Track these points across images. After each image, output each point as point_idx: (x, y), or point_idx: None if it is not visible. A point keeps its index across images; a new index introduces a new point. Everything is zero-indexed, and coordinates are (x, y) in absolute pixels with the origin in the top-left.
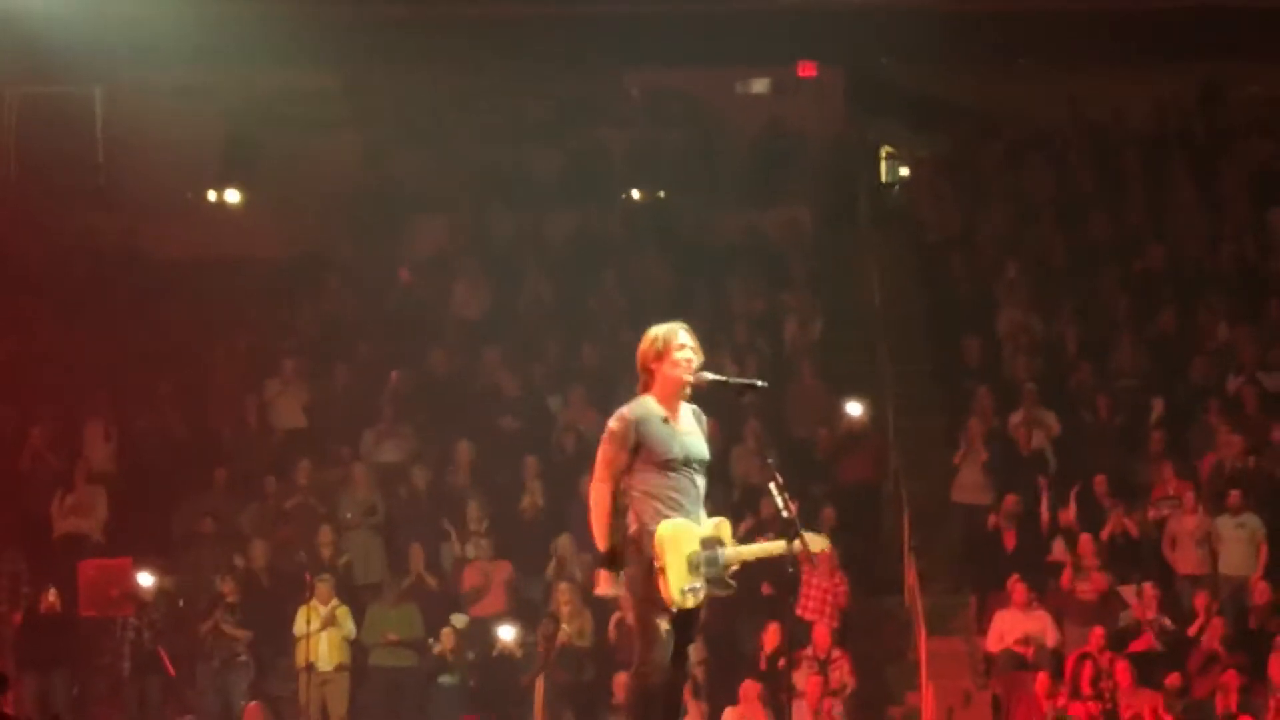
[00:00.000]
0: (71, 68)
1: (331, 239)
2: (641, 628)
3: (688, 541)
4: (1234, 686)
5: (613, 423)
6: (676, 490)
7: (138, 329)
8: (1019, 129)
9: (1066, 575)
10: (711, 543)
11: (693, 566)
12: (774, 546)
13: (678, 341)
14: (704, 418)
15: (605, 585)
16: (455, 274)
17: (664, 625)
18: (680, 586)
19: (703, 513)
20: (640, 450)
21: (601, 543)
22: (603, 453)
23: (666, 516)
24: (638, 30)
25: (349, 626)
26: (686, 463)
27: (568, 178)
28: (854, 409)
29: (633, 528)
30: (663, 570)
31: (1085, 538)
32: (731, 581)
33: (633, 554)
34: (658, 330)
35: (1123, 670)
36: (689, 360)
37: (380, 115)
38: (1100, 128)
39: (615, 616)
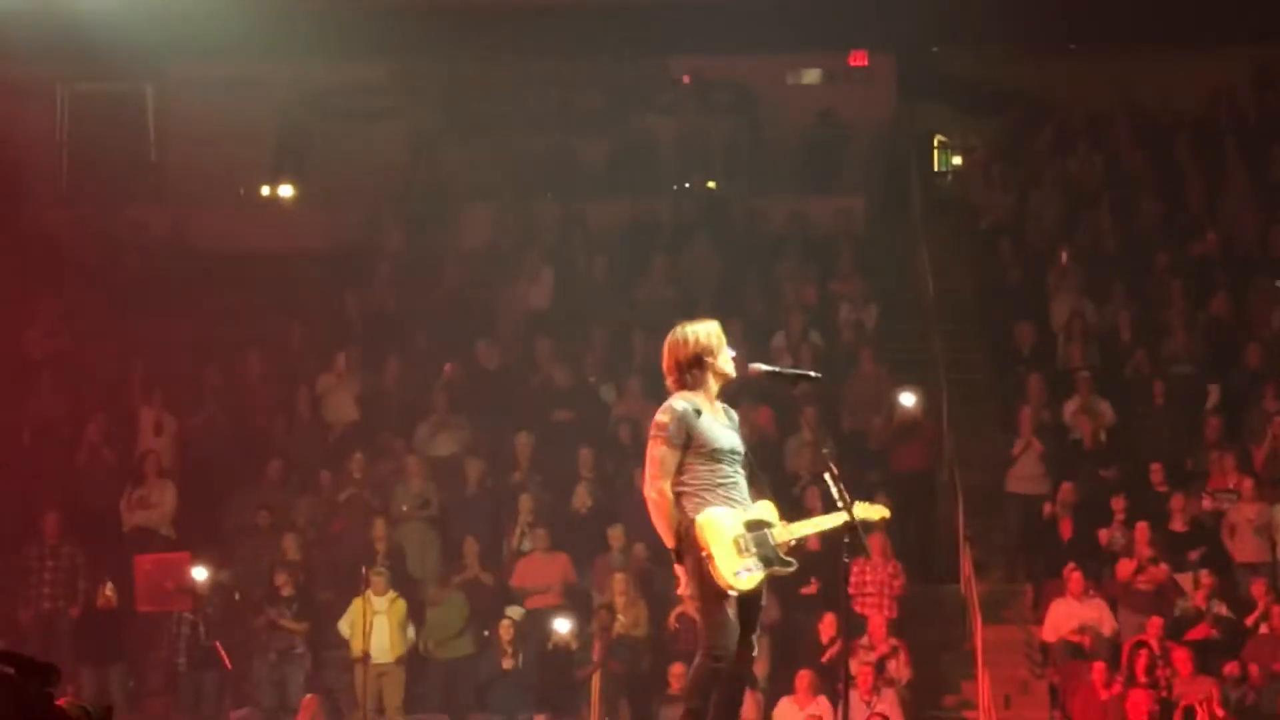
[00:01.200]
0: (123, 63)
1: (382, 230)
2: (707, 617)
3: (730, 527)
4: None
5: (663, 417)
6: (724, 481)
7: (189, 322)
8: (1070, 115)
9: (1125, 566)
10: (757, 525)
11: (740, 549)
12: (827, 520)
13: (723, 337)
14: (734, 414)
15: (685, 581)
16: (506, 265)
17: (729, 611)
18: (732, 570)
19: (749, 502)
20: (690, 443)
21: (670, 540)
22: (656, 451)
23: (702, 505)
24: (687, 18)
25: (404, 617)
26: (732, 453)
27: (617, 167)
28: (907, 399)
29: (682, 522)
30: (710, 558)
31: (1141, 527)
32: (789, 559)
33: (687, 547)
34: (707, 326)
35: (1181, 659)
36: (734, 357)
37: (429, 106)
38: (1152, 112)
39: (677, 609)
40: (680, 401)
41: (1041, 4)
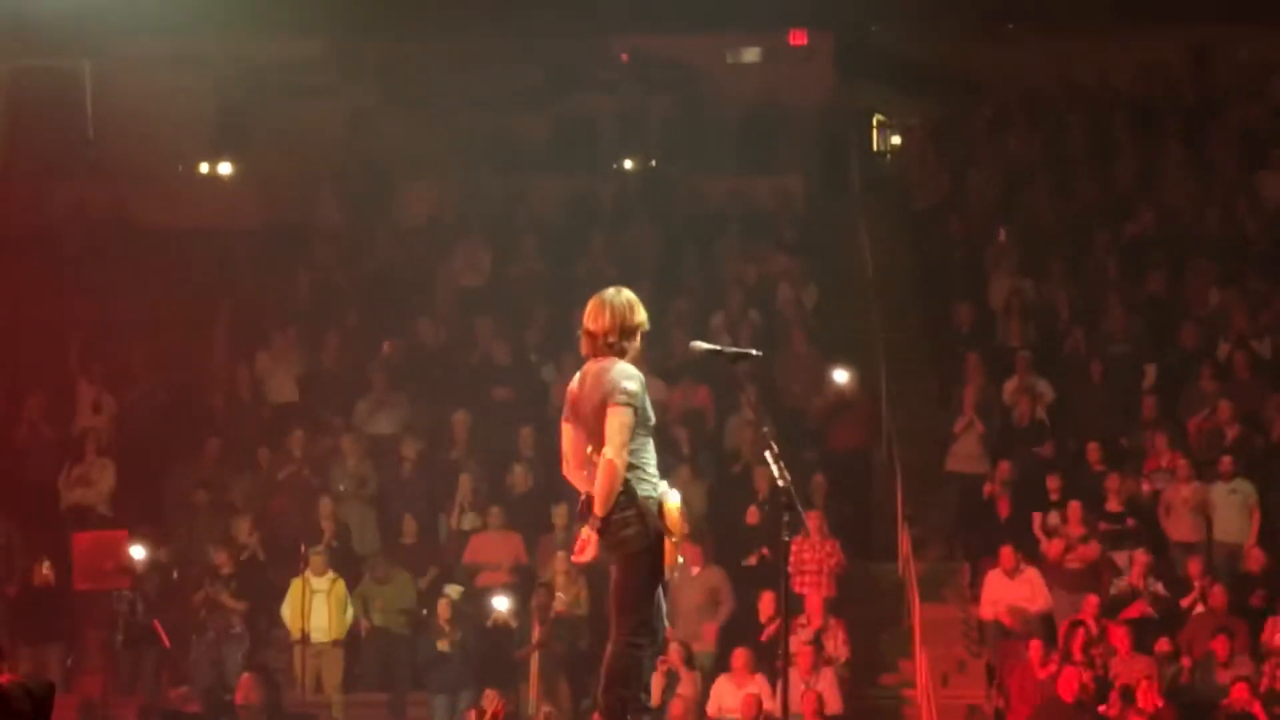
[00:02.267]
0: (61, 40)
1: (322, 207)
2: (646, 599)
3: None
4: (1228, 652)
5: (633, 385)
6: (653, 456)
7: (129, 299)
8: (1008, 93)
9: (1057, 544)
10: None
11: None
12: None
13: None
14: None
15: (593, 552)
16: (445, 242)
17: (661, 595)
18: (676, 555)
19: None
20: (640, 415)
21: (603, 509)
22: (625, 417)
23: (652, 483)
24: None
25: (344, 598)
26: None
27: (557, 145)
28: (840, 376)
29: (624, 498)
30: (676, 543)
31: (1074, 505)
32: None
33: (636, 525)
34: (636, 298)
35: (1119, 637)
36: None
37: (370, 83)
38: (1089, 91)
39: None
40: (638, 371)
41: None
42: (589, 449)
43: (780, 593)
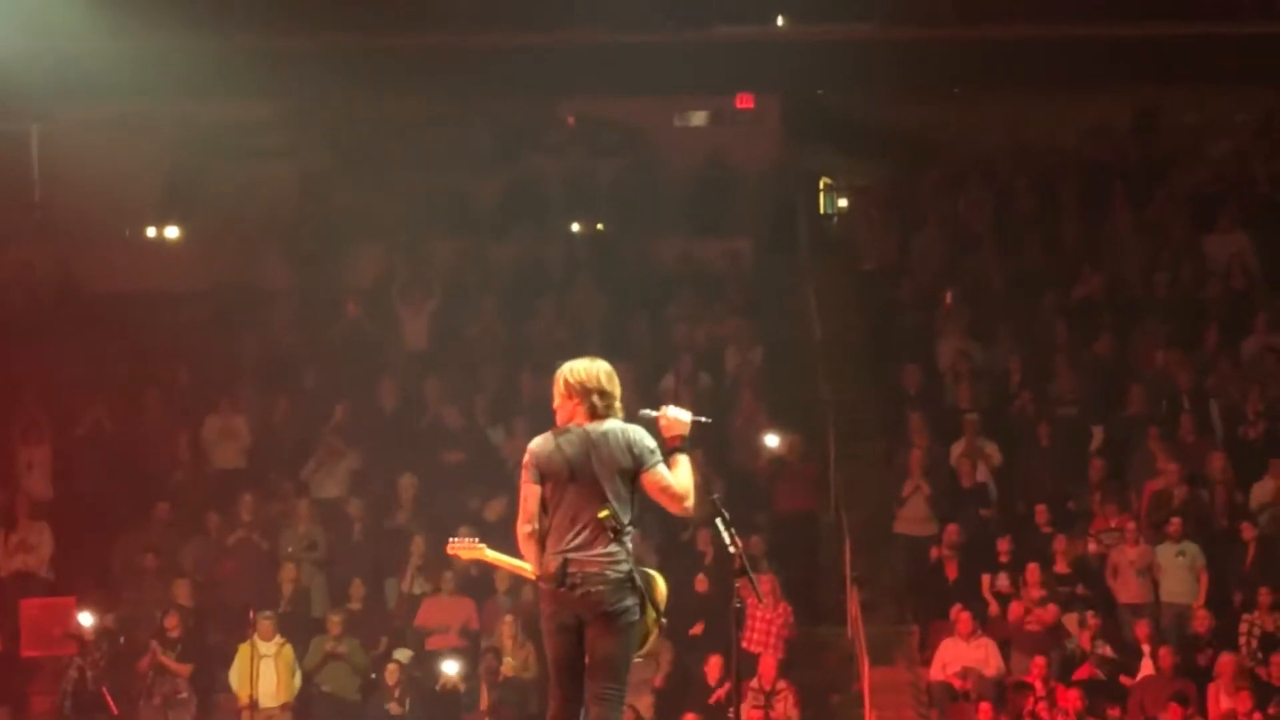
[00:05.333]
0: (7, 103)
1: (271, 270)
2: (628, 667)
3: None
4: (1178, 715)
5: (655, 441)
6: None
7: (76, 364)
8: (956, 156)
9: (1015, 607)
10: None
11: None
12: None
13: None
14: None
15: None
16: (395, 304)
17: None
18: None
19: None
20: None
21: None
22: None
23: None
24: (575, 60)
25: (292, 662)
26: None
27: (506, 208)
28: (772, 440)
29: (627, 567)
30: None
31: (1031, 568)
32: None
33: (635, 595)
34: None
35: (1070, 699)
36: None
37: (320, 145)
38: (1037, 154)
39: None
40: None
41: (925, 47)
42: (602, 512)
43: (731, 658)
